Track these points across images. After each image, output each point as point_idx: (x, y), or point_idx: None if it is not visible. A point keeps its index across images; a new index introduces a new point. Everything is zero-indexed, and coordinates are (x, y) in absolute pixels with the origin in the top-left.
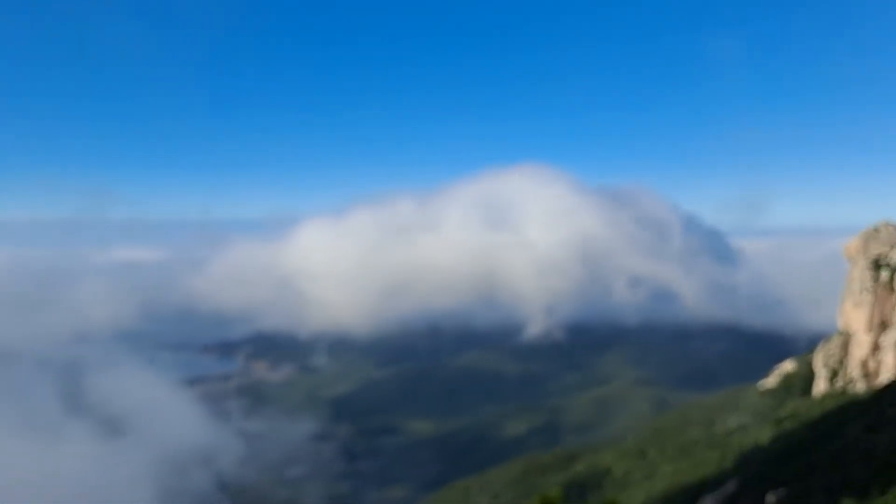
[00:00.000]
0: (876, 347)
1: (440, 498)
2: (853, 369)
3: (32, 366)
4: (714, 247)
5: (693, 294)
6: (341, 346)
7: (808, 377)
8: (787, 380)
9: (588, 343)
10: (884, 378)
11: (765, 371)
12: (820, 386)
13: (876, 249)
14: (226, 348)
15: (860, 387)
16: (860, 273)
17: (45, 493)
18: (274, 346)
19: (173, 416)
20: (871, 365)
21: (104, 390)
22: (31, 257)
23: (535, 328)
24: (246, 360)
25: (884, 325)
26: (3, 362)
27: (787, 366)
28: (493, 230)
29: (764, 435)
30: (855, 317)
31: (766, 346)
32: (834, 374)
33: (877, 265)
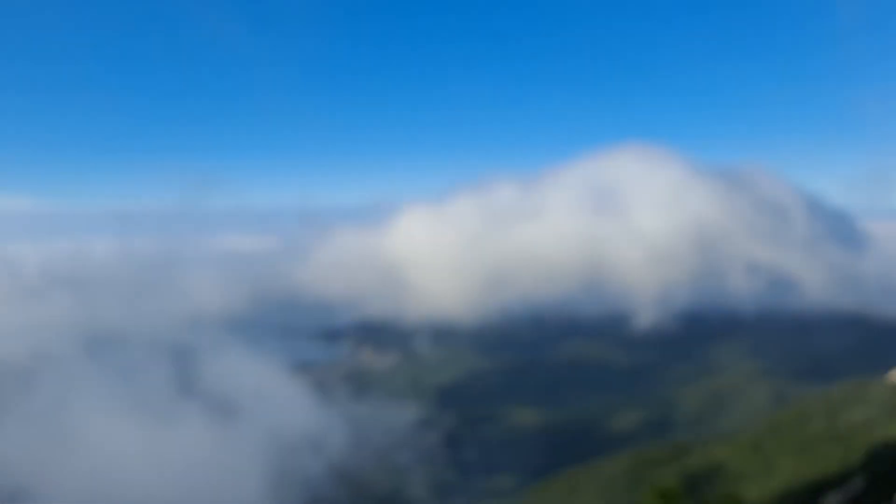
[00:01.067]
0: None
1: (546, 488)
2: None
3: (144, 350)
4: (840, 230)
5: (815, 282)
6: (445, 334)
7: None
8: None
9: (701, 333)
10: None
11: (894, 364)
12: None
13: None
14: (331, 335)
15: None
16: None
17: (160, 473)
18: (378, 333)
19: (281, 401)
20: None
21: (214, 375)
22: (141, 245)
23: (644, 318)
24: (351, 347)
25: None
26: (116, 346)
27: None
28: (599, 216)
29: (893, 430)
30: None
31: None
32: None
33: None
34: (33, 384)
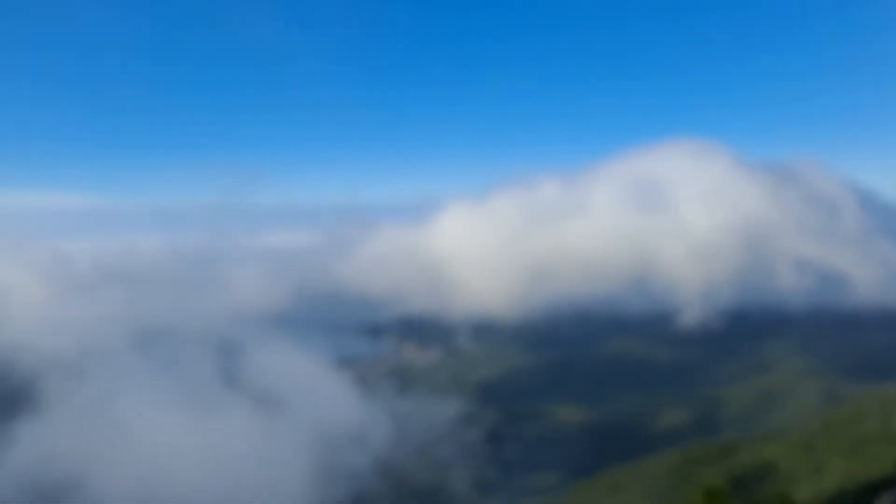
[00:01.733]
0: None
1: (589, 486)
2: None
3: (191, 344)
4: (894, 225)
5: (867, 278)
6: (487, 330)
7: None
8: None
9: (748, 331)
10: None
11: None
12: None
13: None
14: (375, 331)
15: None
16: None
17: (207, 465)
18: (421, 329)
19: (325, 395)
20: None
21: (259, 369)
22: (188, 242)
23: (689, 315)
24: (394, 343)
25: None
26: (165, 341)
27: None
28: (644, 212)
29: None
30: None
31: None
32: None
33: None
34: (84, 377)
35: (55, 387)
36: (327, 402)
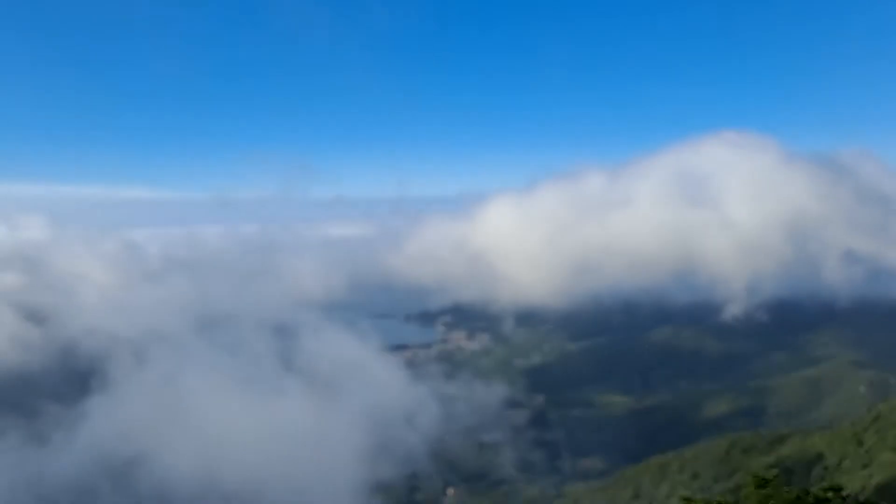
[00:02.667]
0: None
1: (636, 473)
2: None
3: (250, 329)
4: None
5: None
6: (534, 319)
7: None
8: None
9: (796, 323)
10: None
11: None
12: None
13: None
14: (425, 318)
15: None
16: None
17: (265, 443)
18: (470, 317)
19: (377, 379)
20: None
21: (314, 353)
22: (247, 231)
23: (736, 307)
24: (444, 330)
25: None
26: (225, 325)
27: None
28: (690, 206)
29: None
30: None
31: None
32: None
33: None
34: (151, 359)
35: (124, 368)
36: (379, 385)
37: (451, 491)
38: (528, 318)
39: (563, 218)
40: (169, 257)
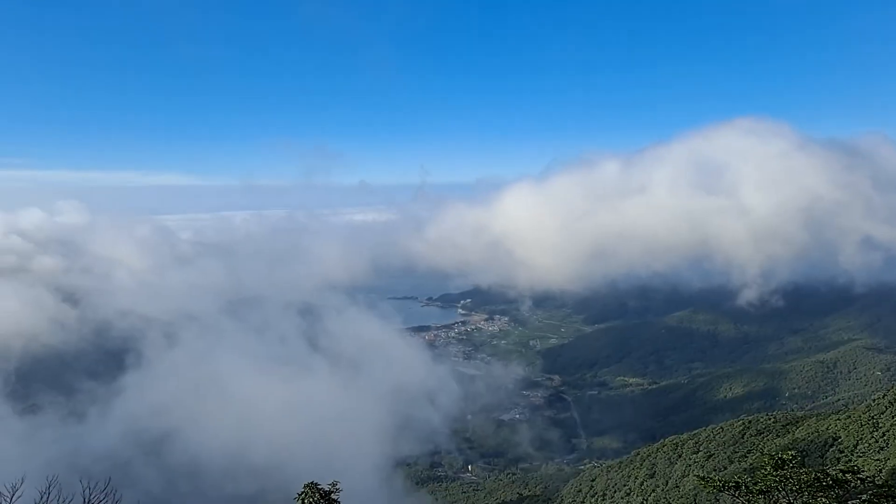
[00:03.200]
0: None
1: (651, 452)
2: None
3: (278, 310)
4: None
5: None
6: (551, 302)
7: None
8: None
9: (812, 307)
10: None
11: None
12: None
13: None
14: (446, 301)
15: None
16: None
17: (292, 417)
18: (489, 300)
19: (401, 358)
20: None
21: (339, 334)
22: (274, 216)
23: (751, 292)
24: (464, 312)
25: None
26: (253, 306)
27: None
28: (705, 192)
29: None
30: None
31: None
32: None
33: None
34: (182, 339)
35: (156, 348)
36: (401, 365)
37: (470, 468)
38: (546, 301)
39: (580, 204)
40: (199, 242)
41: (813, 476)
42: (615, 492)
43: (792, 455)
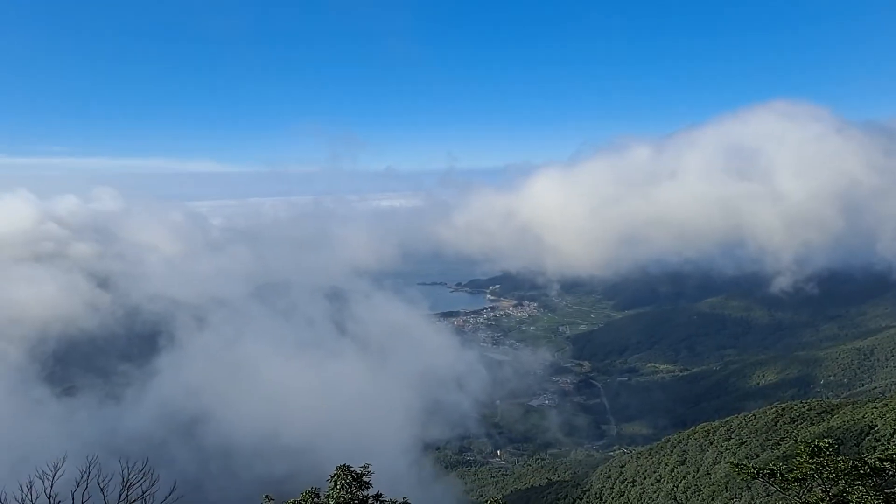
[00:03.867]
0: None
1: (682, 439)
2: None
3: (306, 295)
4: None
5: None
6: (581, 288)
7: None
8: None
9: (848, 294)
10: None
11: None
12: None
13: None
14: (475, 286)
15: None
16: None
17: (320, 400)
18: (518, 286)
19: (430, 343)
20: None
21: (369, 318)
22: (303, 202)
23: (785, 278)
24: (493, 298)
25: None
26: (282, 291)
27: None
28: (739, 177)
29: None
30: None
31: None
32: None
33: None
34: (213, 324)
35: (188, 331)
36: (430, 349)
37: (499, 453)
38: (575, 287)
39: (611, 190)
40: (230, 227)
41: (850, 464)
42: (645, 478)
43: (829, 443)
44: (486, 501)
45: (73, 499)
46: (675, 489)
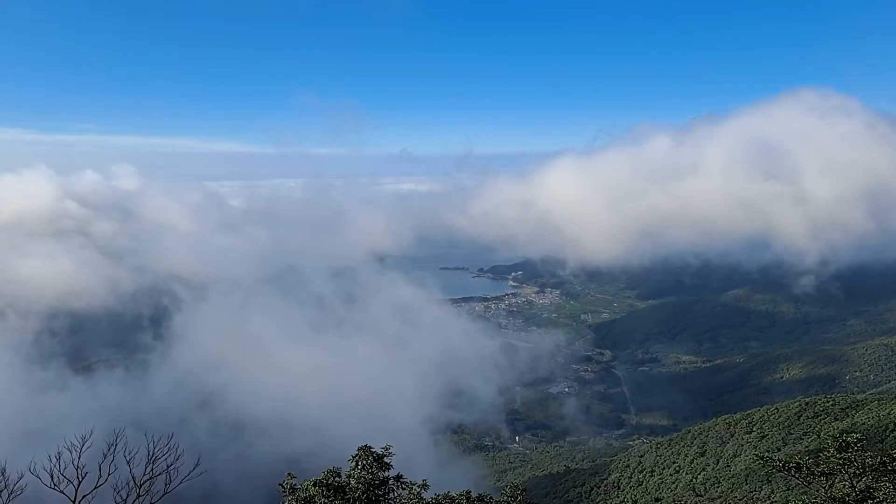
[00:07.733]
0: None
1: (702, 430)
2: None
3: (323, 277)
4: None
5: None
6: (604, 277)
7: None
8: None
9: (875, 290)
10: None
11: None
12: None
13: None
14: (496, 272)
15: None
16: None
17: (335, 381)
18: (540, 273)
19: (450, 328)
20: None
21: (389, 301)
22: (320, 185)
23: (812, 271)
24: (515, 285)
25: None
26: (299, 273)
27: None
28: (763, 169)
29: None
30: None
31: None
32: None
33: None
34: (229, 303)
35: (205, 310)
36: (451, 334)
37: (518, 439)
38: (598, 276)
39: (630, 182)
40: (248, 208)
41: (878, 460)
42: (664, 469)
43: (857, 438)
44: (506, 486)
45: (99, 470)
46: (694, 480)
